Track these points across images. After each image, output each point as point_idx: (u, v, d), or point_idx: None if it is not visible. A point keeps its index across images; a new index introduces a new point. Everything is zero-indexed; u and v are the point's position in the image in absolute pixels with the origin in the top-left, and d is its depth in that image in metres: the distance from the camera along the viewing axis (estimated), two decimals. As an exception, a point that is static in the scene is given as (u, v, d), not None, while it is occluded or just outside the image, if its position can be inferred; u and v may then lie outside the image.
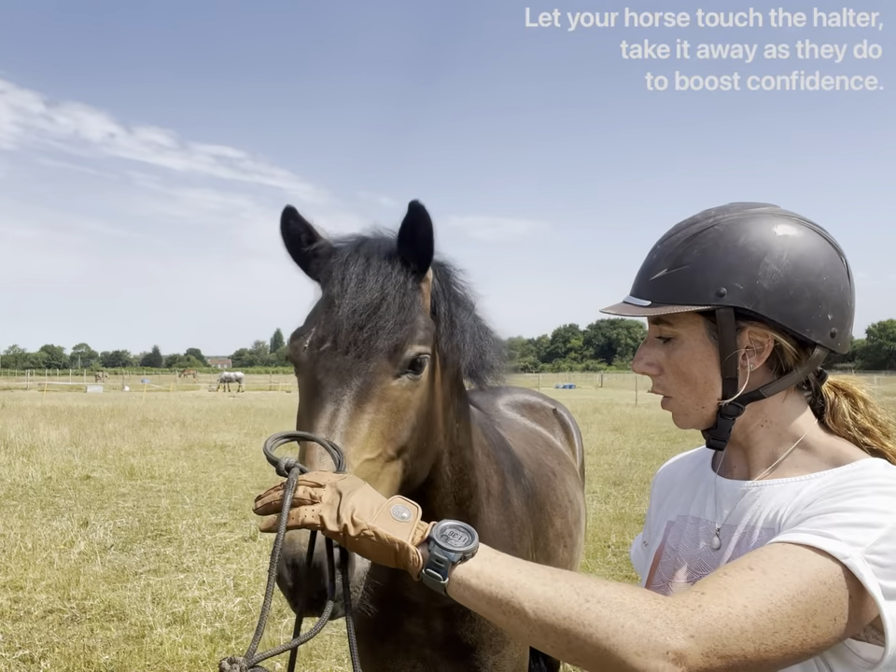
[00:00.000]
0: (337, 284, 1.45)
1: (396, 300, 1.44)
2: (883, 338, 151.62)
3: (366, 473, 1.31)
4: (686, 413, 1.20)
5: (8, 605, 5.33)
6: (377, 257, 1.48)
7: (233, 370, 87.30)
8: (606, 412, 25.46)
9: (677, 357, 1.17)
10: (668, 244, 1.19)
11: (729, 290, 1.10)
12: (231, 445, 15.09)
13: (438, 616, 1.84)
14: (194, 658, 4.47)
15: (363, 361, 1.38)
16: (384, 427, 1.39)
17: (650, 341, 1.22)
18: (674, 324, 1.16)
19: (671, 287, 1.14)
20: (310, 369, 1.41)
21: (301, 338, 1.45)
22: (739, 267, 1.11)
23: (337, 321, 1.41)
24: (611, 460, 12.89)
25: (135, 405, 28.35)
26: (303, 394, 1.44)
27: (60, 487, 10.19)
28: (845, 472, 1.08)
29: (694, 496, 1.29)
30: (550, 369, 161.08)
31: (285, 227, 1.58)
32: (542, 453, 2.84)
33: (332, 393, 1.36)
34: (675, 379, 1.18)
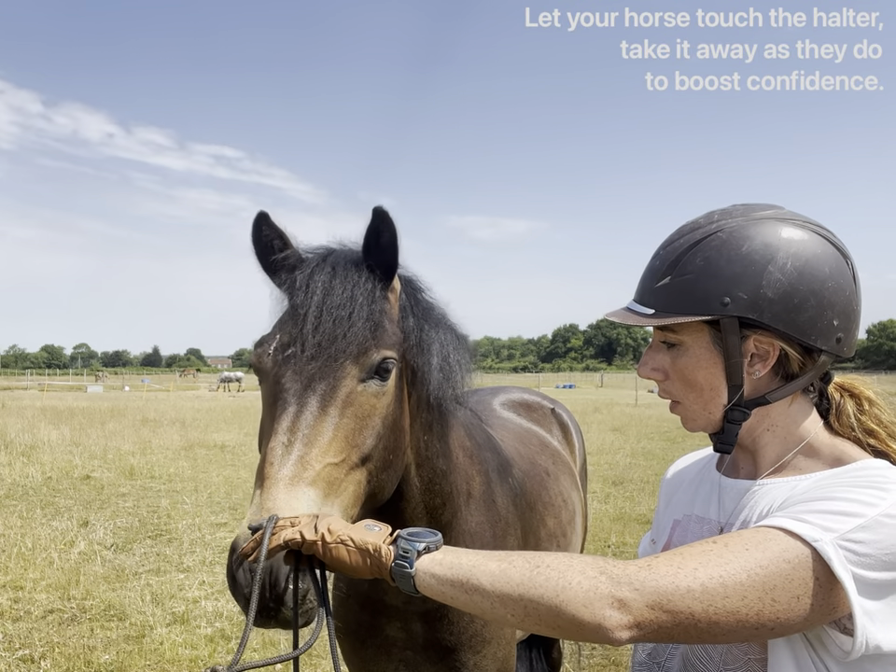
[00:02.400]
0: (302, 292, 1.44)
1: (363, 305, 1.43)
2: (883, 338, 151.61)
3: (329, 478, 1.29)
4: (694, 419, 1.21)
5: (8, 605, 5.33)
6: (343, 265, 1.48)
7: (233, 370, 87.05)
8: (606, 412, 25.43)
9: (682, 364, 1.17)
10: (671, 250, 1.18)
11: (733, 300, 1.09)
12: (231, 445, 15.09)
13: (416, 620, 1.85)
14: (194, 658, 4.47)
15: (328, 365, 1.37)
16: (348, 432, 1.37)
17: (654, 346, 1.22)
18: (678, 331, 1.16)
19: (675, 296, 1.14)
20: (274, 375, 1.39)
21: (265, 345, 1.44)
22: (743, 276, 1.10)
23: (302, 326, 1.39)
24: (611, 460, 12.88)
25: (135, 405, 28.34)
26: (267, 401, 1.42)
27: (60, 487, 10.19)
28: (843, 470, 1.09)
29: (699, 495, 1.30)
30: (550, 369, 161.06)
31: (257, 233, 1.55)
32: (536, 452, 2.84)
33: (296, 396, 1.34)
34: (681, 385, 1.19)
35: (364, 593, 1.88)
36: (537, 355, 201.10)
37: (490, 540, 1.98)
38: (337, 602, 2.01)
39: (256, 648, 4.63)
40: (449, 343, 1.72)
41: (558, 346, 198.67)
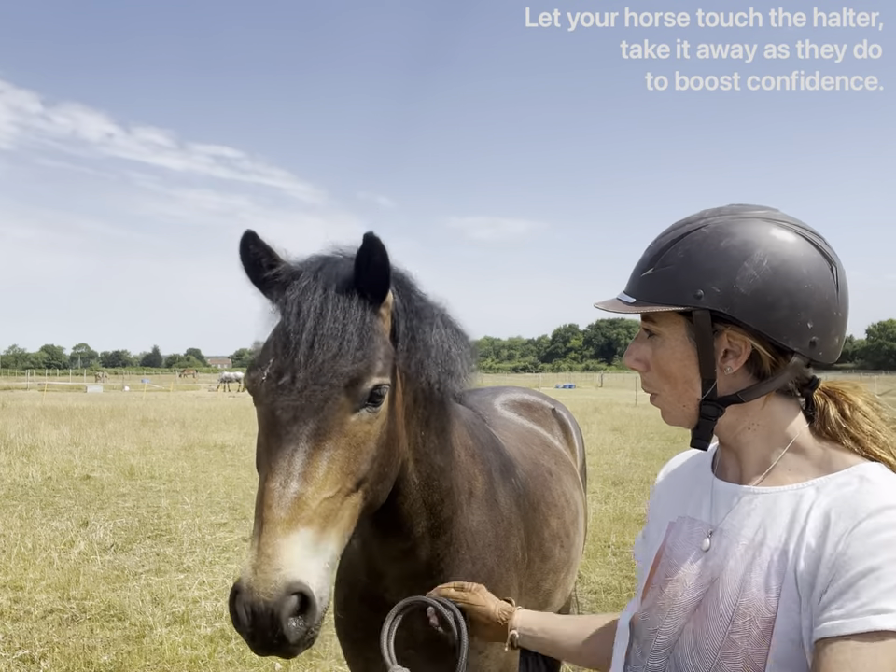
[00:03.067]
0: (293, 318, 1.42)
1: (354, 334, 1.42)
2: (883, 338, 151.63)
3: (325, 512, 1.33)
4: (669, 411, 1.23)
5: (8, 605, 5.33)
6: (334, 288, 1.46)
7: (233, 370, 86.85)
8: (606, 412, 25.44)
9: (659, 354, 1.20)
10: (658, 243, 1.21)
11: (706, 293, 1.11)
12: (231, 445, 15.08)
13: (417, 619, 1.85)
14: (194, 658, 4.47)
15: (321, 398, 1.37)
16: (342, 463, 1.38)
17: (639, 336, 1.25)
18: (658, 322, 1.19)
19: (654, 286, 1.17)
20: (269, 404, 1.39)
21: (258, 370, 1.43)
22: (718, 270, 1.11)
23: (294, 356, 1.38)
24: (611, 460, 12.88)
25: (135, 405, 28.34)
26: (262, 427, 1.42)
27: (60, 487, 10.19)
28: (846, 486, 1.06)
29: (692, 496, 1.29)
30: (550, 369, 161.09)
31: (244, 252, 1.54)
32: (539, 452, 2.83)
33: (290, 431, 1.34)
34: (658, 376, 1.21)
35: (366, 591, 1.89)
36: (537, 355, 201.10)
37: (492, 540, 1.97)
38: (338, 604, 2.01)
39: (256, 648, 4.63)
40: (448, 338, 1.72)
41: (558, 346, 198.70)
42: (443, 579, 1.81)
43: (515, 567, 2.09)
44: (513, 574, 2.07)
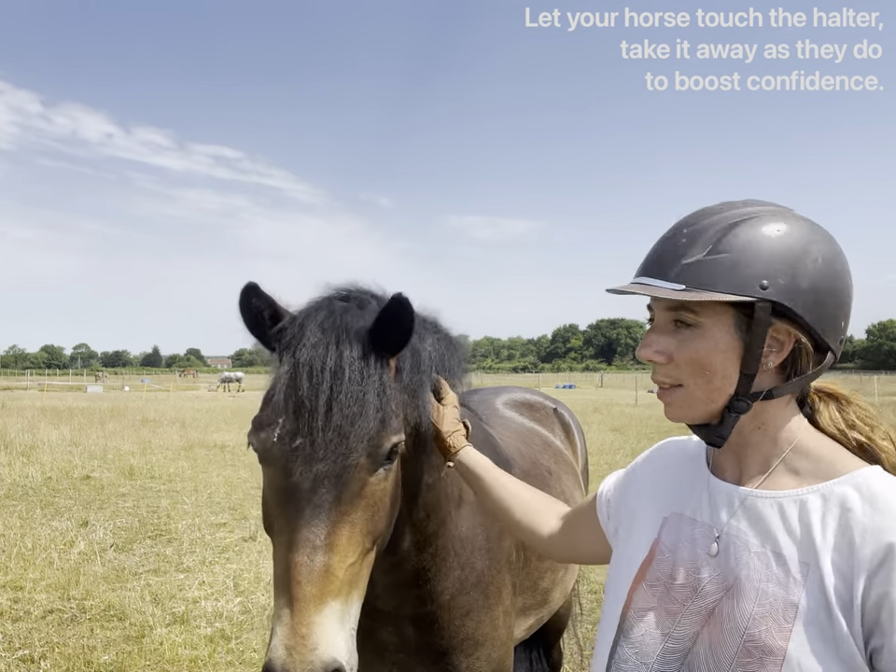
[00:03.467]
0: (306, 379, 1.35)
1: (373, 396, 1.37)
2: (883, 338, 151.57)
3: (350, 578, 1.31)
4: (690, 406, 1.16)
5: (8, 605, 5.33)
6: (348, 345, 1.40)
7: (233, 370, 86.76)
8: (606, 412, 25.43)
9: (696, 346, 1.13)
10: (699, 228, 1.14)
11: (771, 284, 1.08)
12: (231, 445, 15.08)
13: (408, 624, 1.85)
14: (194, 658, 4.47)
15: (341, 463, 1.33)
16: (362, 526, 1.36)
17: (661, 327, 1.17)
18: (700, 312, 1.12)
19: (710, 273, 1.10)
20: (282, 467, 1.34)
21: (268, 430, 1.36)
22: (782, 262, 1.09)
23: (311, 421, 1.33)
24: (611, 460, 12.86)
25: (135, 405, 28.33)
26: (274, 492, 1.37)
27: (60, 487, 10.18)
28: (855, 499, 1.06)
29: (690, 494, 1.27)
30: (550, 369, 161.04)
31: (246, 306, 1.45)
32: (538, 452, 2.83)
33: (310, 499, 1.30)
34: (689, 369, 1.14)
35: None
36: (537, 355, 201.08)
37: (483, 543, 1.96)
38: None
39: (256, 648, 4.63)
40: (442, 354, 1.68)
41: (558, 346, 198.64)
42: (431, 587, 1.82)
43: (509, 568, 2.09)
44: (506, 574, 2.06)
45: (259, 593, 5.66)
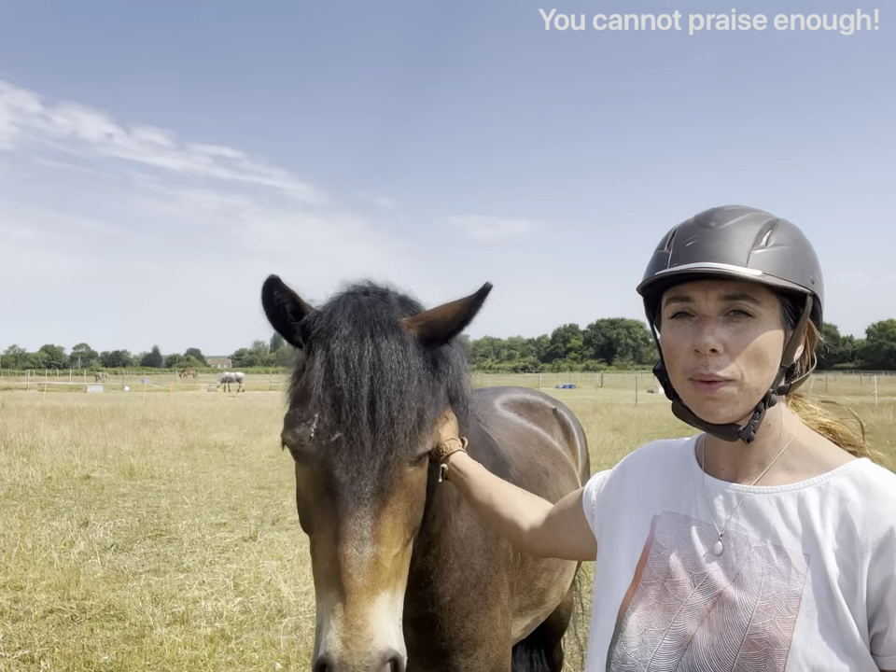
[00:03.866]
0: (343, 371, 1.33)
1: (413, 387, 1.37)
2: (883, 338, 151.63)
3: (397, 569, 1.32)
4: (738, 401, 1.14)
5: (8, 605, 5.33)
6: (384, 336, 1.39)
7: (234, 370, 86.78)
8: (606, 412, 25.43)
9: (756, 336, 1.13)
10: (746, 220, 1.16)
11: (815, 279, 1.17)
12: (231, 445, 15.09)
13: (408, 625, 1.83)
14: (194, 658, 4.47)
15: (384, 455, 1.32)
16: (404, 517, 1.37)
17: (713, 318, 1.14)
18: (760, 301, 1.13)
19: (778, 262, 1.13)
20: (320, 461, 1.33)
21: (303, 425, 1.34)
22: (816, 260, 1.20)
23: (352, 413, 1.32)
24: (611, 460, 12.87)
25: (135, 405, 28.34)
26: (313, 487, 1.35)
27: (60, 487, 10.19)
28: (851, 489, 1.09)
29: (682, 493, 1.27)
30: (550, 369, 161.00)
31: (268, 299, 1.42)
32: (536, 452, 2.83)
33: (354, 491, 1.29)
34: (747, 359, 1.12)
35: None
36: (537, 355, 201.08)
37: (481, 544, 1.97)
38: None
39: (256, 648, 4.63)
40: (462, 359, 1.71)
41: (558, 346, 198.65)
42: (432, 589, 1.83)
43: (506, 568, 2.10)
44: (504, 574, 2.07)
45: (258, 593, 5.66)
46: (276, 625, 5.02)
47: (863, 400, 28.46)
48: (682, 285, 1.17)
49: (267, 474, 11.61)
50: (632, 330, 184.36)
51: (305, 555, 6.60)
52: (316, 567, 1.32)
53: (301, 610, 5.31)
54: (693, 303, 1.16)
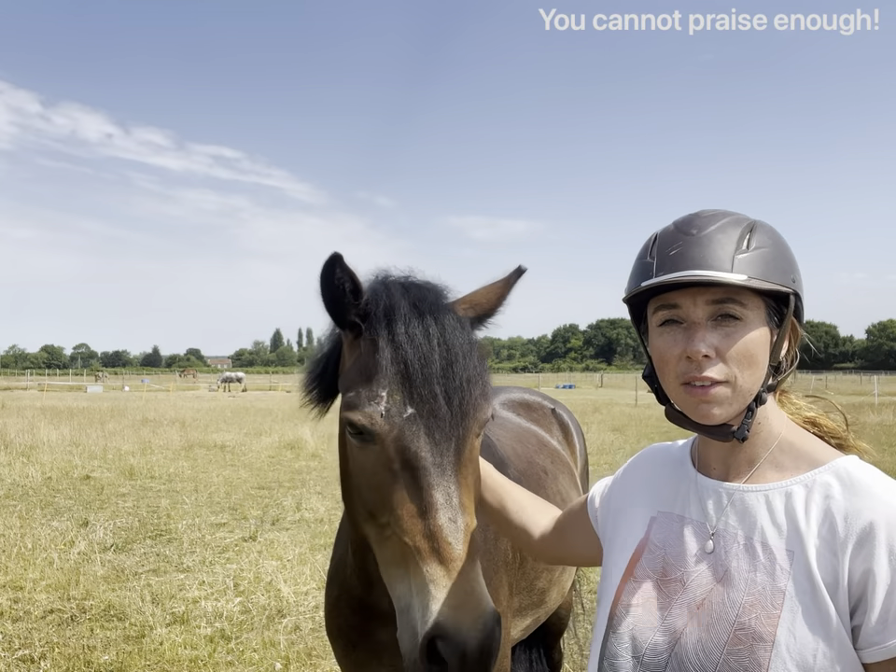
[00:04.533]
0: (411, 347, 1.37)
1: (478, 363, 1.43)
2: (883, 338, 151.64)
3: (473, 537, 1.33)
4: (731, 402, 1.16)
5: (8, 605, 5.33)
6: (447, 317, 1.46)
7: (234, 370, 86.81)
8: (606, 412, 25.44)
9: (744, 338, 1.15)
10: (726, 225, 1.18)
11: (796, 279, 1.20)
12: (231, 445, 15.09)
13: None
14: (194, 658, 4.47)
15: (458, 426, 1.36)
16: (475, 488, 1.41)
17: (702, 324, 1.16)
18: (746, 304, 1.16)
19: (761, 265, 1.15)
20: (395, 438, 1.34)
21: (373, 404, 1.35)
22: (795, 260, 1.21)
23: (425, 388, 1.35)
24: (611, 460, 12.88)
25: (135, 405, 28.34)
26: (386, 465, 1.35)
27: (60, 487, 10.19)
28: (836, 486, 1.11)
29: (677, 493, 1.31)
30: (550, 369, 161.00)
31: (328, 276, 1.41)
32: (534, 452, 2.84)
33: (436, 464, 1.32)
34: (738, 361, 1.15)
35: (357, 597, 1.86)
36: (537, 355, 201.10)
37: (480, 544, 1.96)
38: (329, 606, 2.00)
39: (256, 648, 4.63)
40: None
41: (558, 346, 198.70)
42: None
43: (505, 568, 2.10)
44: (503, 574, 2.07)
45: (258, 593, 5.66)
46: (276, 625, 5.02)
47: (863, 400, 28.47)
48: (669, 293, 1.19)
49: (267, 474, 11.61)
50: (632, 331, 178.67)
51: (305, 555, 6.61)
52: (396, 546, 1.30)
53: (300, 610, 5.31)
54: (680, 310, 1.18)
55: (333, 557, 2.07)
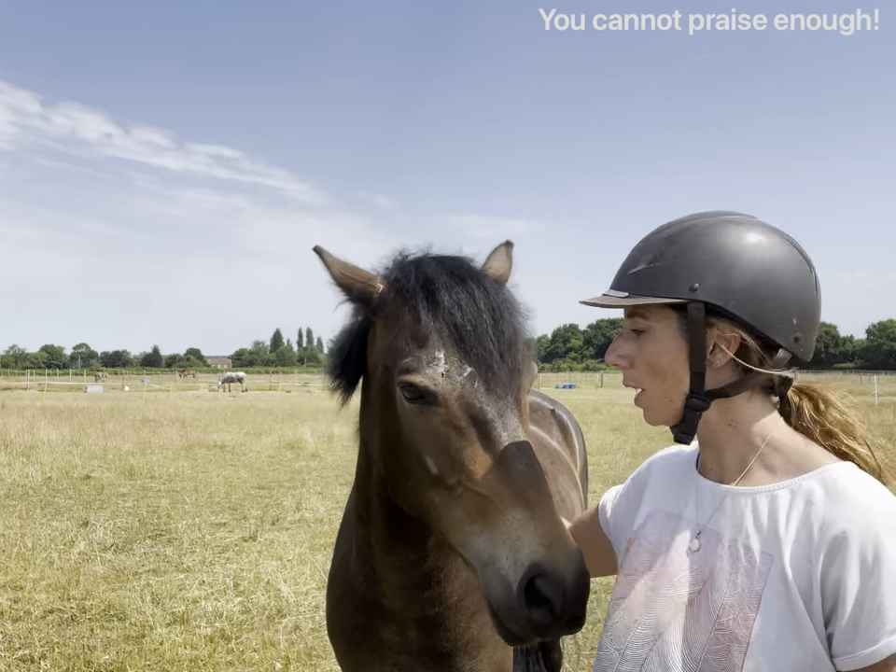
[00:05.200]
0: (459, 310, 1.42)
1: (519, 316, 1.50)
2: (883, 338, 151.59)
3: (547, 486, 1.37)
4: (655, 408, 1.26)
5: (8, 605, 5.33)
6: (480, 278, 1.52)
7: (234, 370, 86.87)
8: (606, 411, 25.45)
9: (648, 349, 1.22)
10: (649, 241, 1.25)
11: (701, 286, 1.16)
12: (231, 445, 15.10)
13: (413, 625, 1.83)
14: (194, 658, 4.47)
15: (512, 380, 1.41)
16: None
17: (624, 334, 1.28)
18: (648, 317, 1.22)
19: (648, 279, 1.20)
20: (458, 395, 1.37)
21: (432, 365, 1.39)
22: (712, 265, 1.17)
23: (480, 346, 1.39)
24: (611, 460, 12.88)
25: (135, 405, 28.35)
26: (451, 425, 1.37)
27: (60, 487, 10.20)
28: (818, 493, 1.11)
29: (679, 493, 1.33)
30: (550, 369, 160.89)
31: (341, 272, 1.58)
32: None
33: (501, 416, 1.36)
34: (645, 371, 1.24)
35: (361, 595, 1.86)
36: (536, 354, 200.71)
37: None
38: (331, 605, 2.00)
39: (256, 648, 4.64)
40: None
41: (558, 346, 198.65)
42: (440, 588, 1.80)
43: None
44: None
45: (258, 593, 5.66)
46: (276, 625, 5.02)
47: (863, 400, 28.46)
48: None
49: (267, 474, 11.61)
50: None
51: (305, 555, 6.61)
52: (471, 502, 1.30)
53: (300, 610, 5.31)
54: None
55: (335, 557, 2.07)
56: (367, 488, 1.71)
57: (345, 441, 15.61)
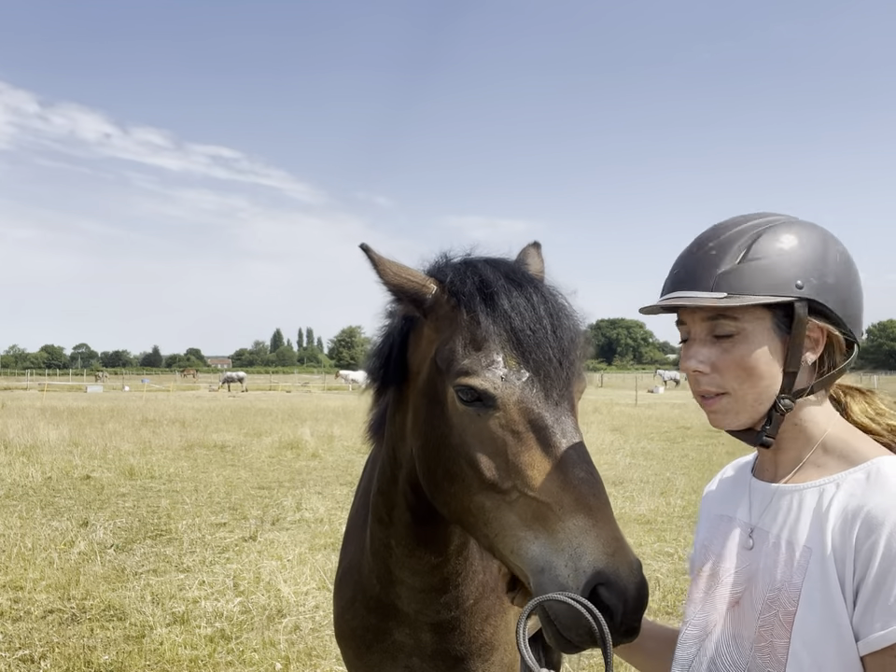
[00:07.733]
0: (518, 315, 1.41)
1: (575, 321, 1.48)
2: (883, 338, 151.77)
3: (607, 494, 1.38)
4: (738, 411, 1.20)
5: (8, 605, 5.34)
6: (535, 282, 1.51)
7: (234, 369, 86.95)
8: (606, 412, 25.43)
9: (741, 351, 1.17)
10: (727, 239, 1.19)
11: (805, 283, 1.15)
12: (231, 445, 15.10)
13: (427, 629, 1.82)
14: (194, 658, 4.48)
15: (568, 387, 1.40)
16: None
17: (701, 339, 1.21)
18: (740, 318, 1.17)
19: (748, 279, 1.15)
20: (517, 400, 1.36)
21: (491, 368, 1.38)
22: (811, 262, 1.16)
23: (539, 351, 1.38)
24: (611, 460, 12.88)
25: (135, 405, 28.35)
26: (509, 430, 1.35)
27: (60, 487, 10.20)
28: (861, 482, 1.10)
29: (734, 497, 1.34)
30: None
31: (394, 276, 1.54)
32: None
33: (560, 421, 1.35)
34: (736, 375, 1.18)
35: (375, 597, 1.85)
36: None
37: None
38: (340, 608, 1.99)
39: (256, 648, 4.64)
40: None
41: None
42: (457, 592, 1.80)
43: None
44: None
45: (258, 593, 5.66)
46: (276, 625, 5.02)
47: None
48: (679, 310, 1.24)
49: (267, 474, 11.61)
50: (632, 330, 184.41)
51: (305, 555, 6.61)
52: (526, 508, 1.28)
53: (301, 610, 5.31)
54: (687, 327, 1.23)
55: (342, 560, 2.06)
56: (390, 491, 1.69)
57: (345, 441, 15.62)
